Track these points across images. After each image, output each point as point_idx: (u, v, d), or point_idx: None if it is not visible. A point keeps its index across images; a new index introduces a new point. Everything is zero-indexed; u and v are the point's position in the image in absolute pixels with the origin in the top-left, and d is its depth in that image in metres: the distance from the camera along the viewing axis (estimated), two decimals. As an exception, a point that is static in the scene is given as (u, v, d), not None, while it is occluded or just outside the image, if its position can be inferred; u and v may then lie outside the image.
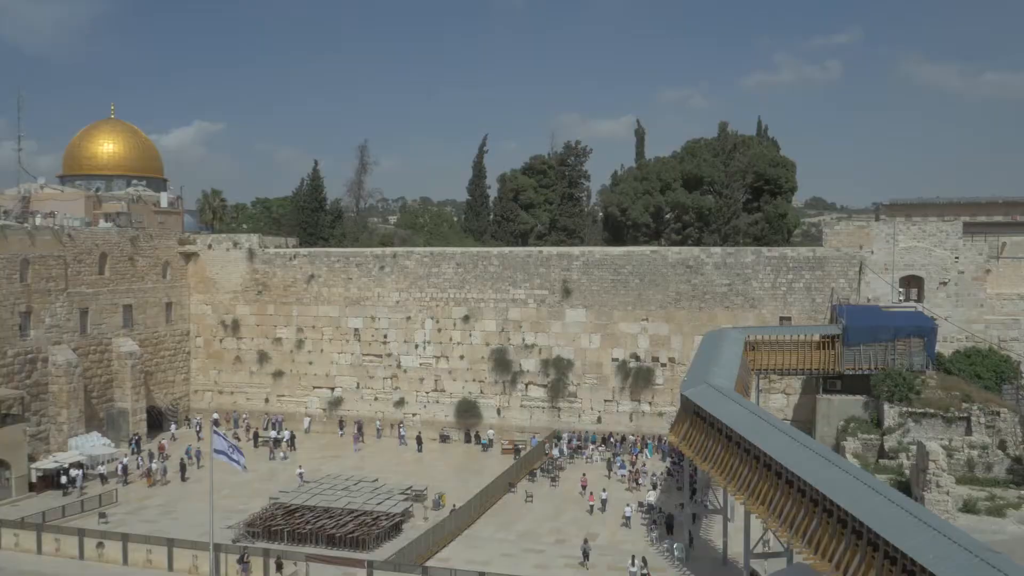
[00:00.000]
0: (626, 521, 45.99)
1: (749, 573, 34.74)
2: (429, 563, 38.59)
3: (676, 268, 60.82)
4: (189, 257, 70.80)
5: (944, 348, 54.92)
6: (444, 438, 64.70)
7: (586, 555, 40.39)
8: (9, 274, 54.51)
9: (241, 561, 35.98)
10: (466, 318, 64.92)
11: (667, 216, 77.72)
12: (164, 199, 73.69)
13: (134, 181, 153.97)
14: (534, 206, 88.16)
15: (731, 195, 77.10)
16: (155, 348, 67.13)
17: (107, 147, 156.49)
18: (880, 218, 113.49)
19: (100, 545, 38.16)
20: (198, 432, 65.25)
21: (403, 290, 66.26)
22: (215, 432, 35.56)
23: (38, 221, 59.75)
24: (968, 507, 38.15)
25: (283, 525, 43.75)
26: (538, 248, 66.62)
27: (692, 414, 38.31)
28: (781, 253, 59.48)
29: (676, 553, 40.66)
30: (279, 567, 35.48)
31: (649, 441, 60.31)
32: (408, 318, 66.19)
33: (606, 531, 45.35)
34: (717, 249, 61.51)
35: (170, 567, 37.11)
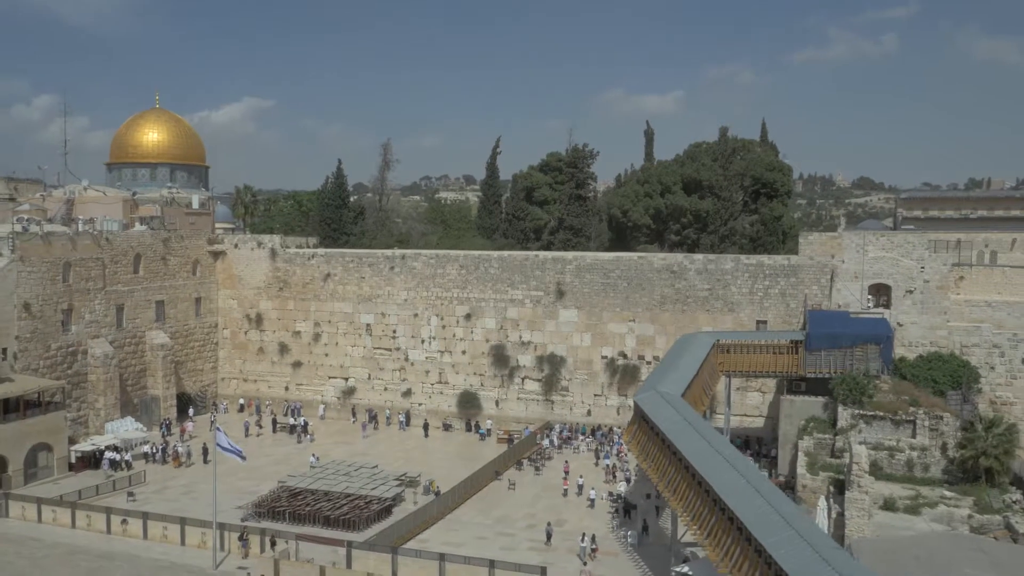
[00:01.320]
0: (591, 503, 50.80)
1: (681, 559, 39.31)
2: (408, 544, 43.81)
3: (661, 273, 64.98)
4: (217, 255, 76.71)
5: (909, 352, 58.42)
6: (447, 427, 69.96)
7: (549, 537, 45.40)
8: (53, 276, 60.79)
9: (241, 538, 41.58)
10: (468, 316, 69.88)
11: (666, 218, 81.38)
12: (196, 201, 79.75)
13: (177, 170, 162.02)
14: (548, 202, 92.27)
15: (729, 198, 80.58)
16: (185, 340, 73.30)
17: (152, 136, 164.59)
18: (898, 214, 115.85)
19: (124, 522, 44.09)
20: (211, 421, 70.89)
21: (411, 289, 71.38)
22: (217, 429, 41.09)
23: (80, 227, 65.79)
24: (888, 505, 42.11)
25: (286, 506, 49.35)
26: (535, 252, 71.14)
27: (639, 418, 42.83)
28: (758, 261, 63.29)
29: (629, 539, 45.38)
30: (272, 544, 40.97)
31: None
32: (415, 315, 71.36)
33: (575, 516, 50.12)
34: (699, 256, 65.49)
35: (182, 542, 42.79)
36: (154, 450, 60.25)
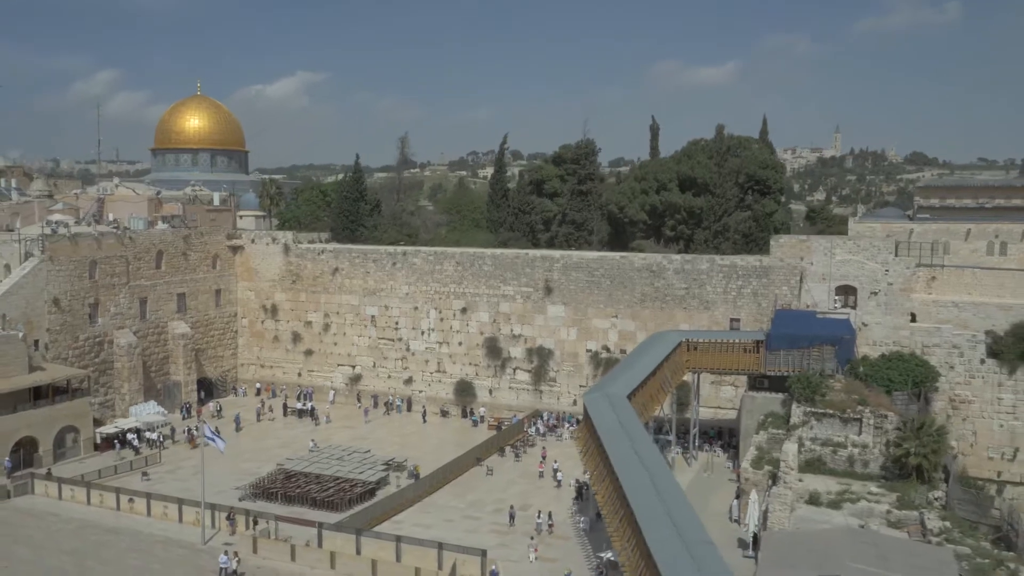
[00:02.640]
0: (557, 484, 55.25)
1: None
2: (382, 525, 48.78)
3: (641, 272, 68.65)
4: (236, 249, 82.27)
5: (873, 351, 61.42)
6: (444, 413, 74.83)
7: (512, 519, 50.03)
8: (80, 273, 66.78)
9: (229, 518, 46.92)
10: (464, 310, 74.41)
11: (662, 214, 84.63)
12: (216, 198, 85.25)
13: (217, 155, 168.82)
14: (558, 195, 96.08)
15: (723, 195, 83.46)
16: (206, 329, 79.16)
17: (193, 122, 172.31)
18: (915, 202, 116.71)
19: (131, 501, 49.79)
20: (215, 410, 76.07)
21: (412, 283, 76.12)
22: (204, 423, 46.42)
23: (105, 228, 71.63)
24: (812, 500, 45.68)
25: (280, 488, 54.69)
26: (525, 250, 75.15)
27: (586, 416, 47.02)
28: (731, 262, 66.56)
29: (581, 525, 49.76)
30: (255, 523, 46.22)
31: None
32: (416, 308, 76.14)
33: (543, 500, 54.38)
34: (677, 256, 68.99)
35: (180, 520, 48.30)
36: (168, 433, 66.03)
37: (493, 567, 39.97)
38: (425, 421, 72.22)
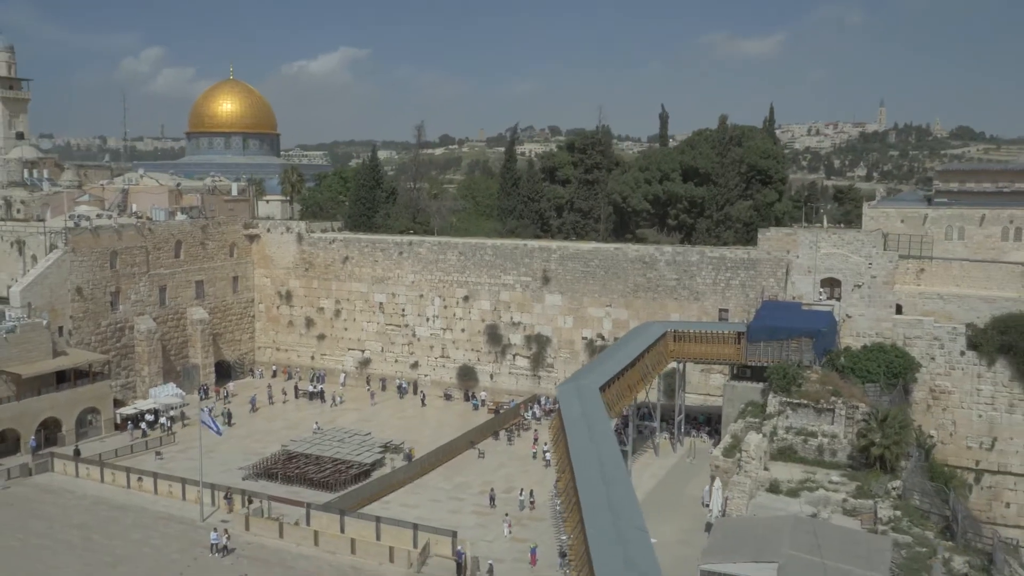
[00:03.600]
0: (547, 463, 57.93)
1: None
2: (371, 506, 52.05)
3: (634, 263, 70.78)
4: (253, 238, 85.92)
5: (856, 342, 63.09)
6: (448, 397, 77.96)
7: (492, 500, 53.03)
8: (101, 264, 70.82)
9: (226, 497, 50.55)
10: (466, 298, 77.27)
11: (664, 204, 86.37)
12: (235, 188, 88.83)
13: (249, 138, 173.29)
14: (571, 182, 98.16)
15: (725, 185, 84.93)
16: (223, 314, 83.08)
17: (226, 107, 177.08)
18: (934, 185, 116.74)
19: (140, 479, 53.71)
20: (215, 395, 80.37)
21: (417, 272, 79.11)
22: (202, 410, 50.11)
23: (125, 220, 75.58)
24: (772, 488, 47.81)
25: (280, 469, 58.26)
26: (523, 241, 77.58)
27: (558, 408, 49.67)
28: (720, 254, 68.38)
29: (558, 507, 52.51)
30: (249, 501, 49.77)
31: (609, 408, 71.43)
32: (421, 296, 79.18)
33: (530, 481, 57.19)
34: (668, 248, 70.93)
35: (183, 497, 52.05)
36: (179, 416, 69.96)
37: (459, 547, 42.92)
38: (424, 405, 75.38)
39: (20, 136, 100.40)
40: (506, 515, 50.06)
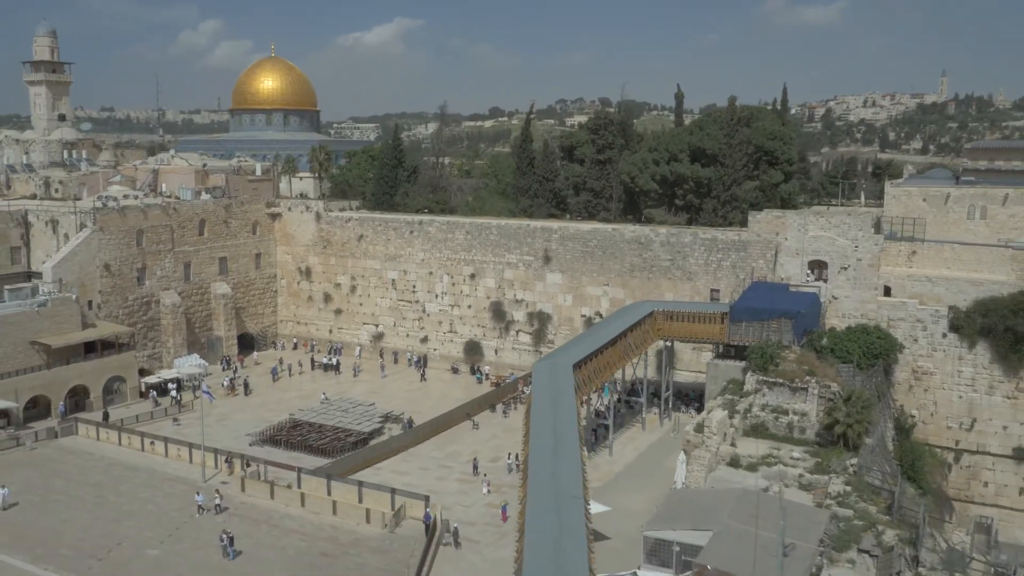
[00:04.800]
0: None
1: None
2: (363, 472, 55.82)
3: (631, 244, 73.06)
4: (275, 216, 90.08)
5: (841, 323, 64.72)
6: (455, 370, 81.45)
7: (475, 469, 56.41)
8: (128, 241, 75.54)
9: (227, 461, 54.78)
10: (473, 276, 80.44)
11: (672, 184, 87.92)
12: (259, 169, 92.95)
13: (290, 115, 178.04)
14: (585, 161, 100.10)
15: (732, 166, 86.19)
16: (246, 289, 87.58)
17: (267, 84, 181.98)
18: (963, 163, 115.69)
19: (152, 443, 58.29)
20: (239, 364, 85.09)
21: (427, 250, 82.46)
22: (201, 381, 54.27)
23: (152, 200, 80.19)
24: (733, 462, 50.18)
25: (284, 436, 62.40)
26: (526, 221, 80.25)
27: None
28: (712, 235, 70.31)
29: (536, 477, 55.69)
30: (247, 466, 53.92)
31: (606, 384, 74.08)
32: (430, 273, 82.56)
33: (517, 448, 60.17)
34: (663, 229, 73.03)
35: (190, 460, 56.41)
36: (196, 384, 74.54)
37: (428, 510, 46.36)
38: (424, 380, 78.75)
39: (62, 118, 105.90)
40: (484, 475, 53.52)
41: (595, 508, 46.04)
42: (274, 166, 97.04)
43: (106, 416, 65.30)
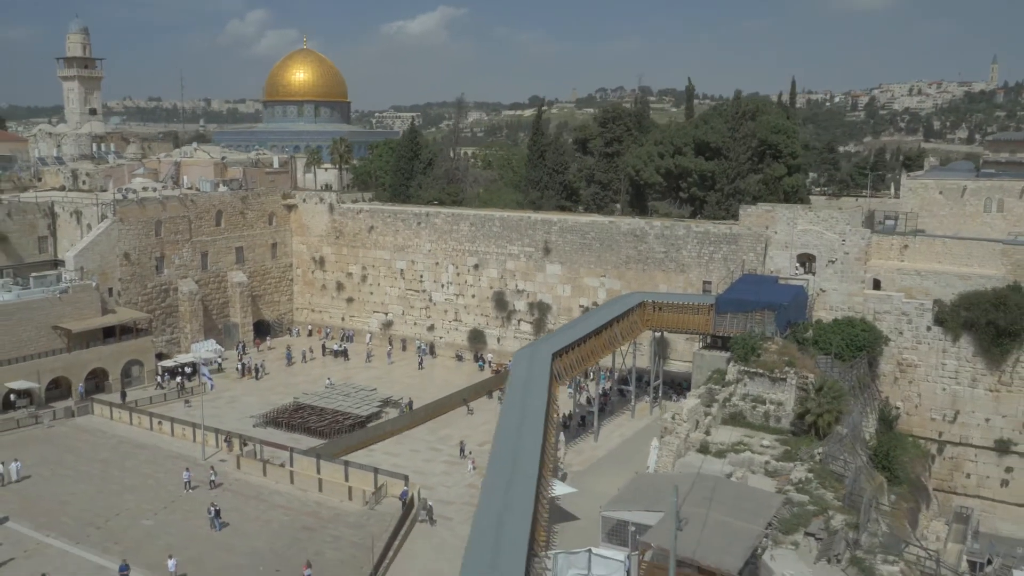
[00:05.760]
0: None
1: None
2: (356, 453, 58.65)
3: (626, 236, 74.84)
4: (291, 208, 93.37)
5: (829, 315, 65.95)
6: (459, 357, 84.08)
7: (462, 451, 58.88)
8: (147, 232, 79.27)
9: (226, 440, 58.02)
10: (476, 266, 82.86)
11: (676, 177, 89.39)
12: (276, 161, 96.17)
13: (321, 106, 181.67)
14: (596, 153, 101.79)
15: (735, 159, 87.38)
16: (262, 278, 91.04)
17: (299, 76, 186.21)
18: (984, 155, 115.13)
19: (160, 423, 61.82)
20: (256, 348, 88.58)
21: (433, 241, 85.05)
22: (202, 363, 57.43)
23: (169, 192, 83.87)
24: (702, 449, 51.98)
25: (286, 418, 65.52)
26: (527, 213, 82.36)
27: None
28: (705, 228, 71.78)
29: (518, 461, 58.03)
30: (244, 444, 57.06)
31: (602, 372, 76.16)
32: (437, 263, 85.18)
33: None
34: (658, 222, 74.64)
35: (194, 439, 59.73)
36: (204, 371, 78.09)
37: (405, 489, 49.00)
38: (421, 368, 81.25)
39: (93, 112, 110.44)
40: (470, 452, 56.09)
41: (560, 489, 48.56)
42: (292, 159, 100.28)
43: (123, 397, 69.14)
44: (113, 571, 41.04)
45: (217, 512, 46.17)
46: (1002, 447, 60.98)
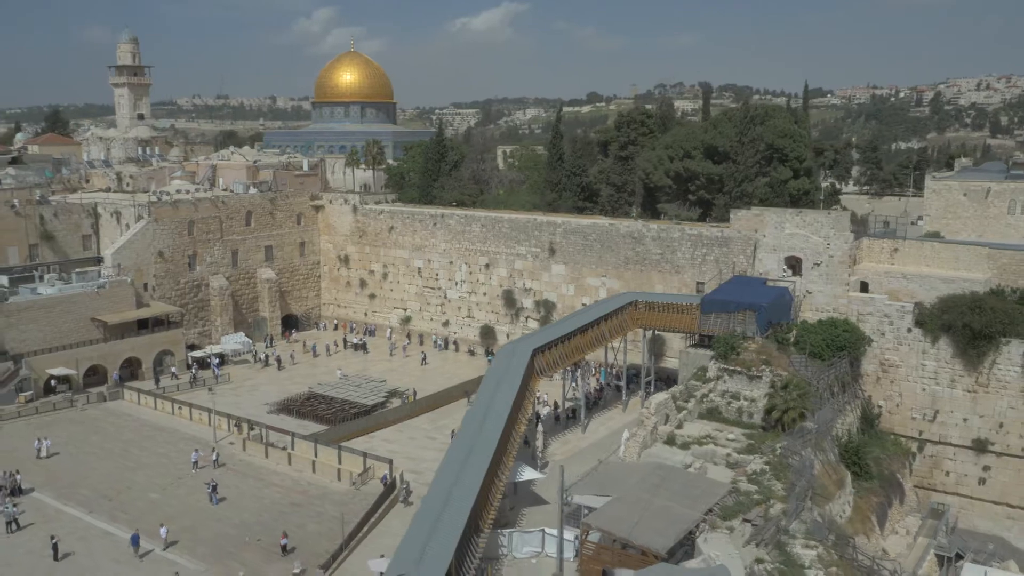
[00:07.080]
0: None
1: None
2: (356, 439, 63.15)
3: (625, 238, 77.97)
4: (318, 208, 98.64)
5: (814, 316, 68.20)
6: (471, 352, 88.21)
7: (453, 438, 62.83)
8: (180, 231, 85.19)
9: (236, 425, 63.13)
10: (487, 265, 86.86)
11: (685, 180, 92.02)
12: (306, 164, 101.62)
13: (367, 107, 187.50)
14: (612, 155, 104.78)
15: (743, 163, 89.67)
16: (291, 275, 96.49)
17: (346, 78, 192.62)
18: (1014, 156, 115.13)
19: (180, 408, 67.32)
20: (285, 340, 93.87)
21: (448, 241, 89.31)
22: (214, 356, 62.54)
23: (201, 194, 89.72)
24: (668, 440, 55.14)
25: (296, 406, 70.43)
26: (534, 215, 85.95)
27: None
28: (698, 231, 74.51)
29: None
30: (252, 428, 62.05)
31: (602, 368, 79.48)
32: (451, 262, 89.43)
33: (498, 431, 66.75)
34: (654, 224, 77.57)
35: (209, 424, 65.00)
36: (243, 357, 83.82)
37: (386, 472, 53.27)
38: (425, 363, 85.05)
39: (140, 117, 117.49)
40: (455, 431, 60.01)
41: (529, 475, 52.26)
42: (321, 161, 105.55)
43: (157, 383, 75.00)
44: (117, 537, 46.22)
45: (214, 487, 51.08)
46: (979, 446, 62.55)
